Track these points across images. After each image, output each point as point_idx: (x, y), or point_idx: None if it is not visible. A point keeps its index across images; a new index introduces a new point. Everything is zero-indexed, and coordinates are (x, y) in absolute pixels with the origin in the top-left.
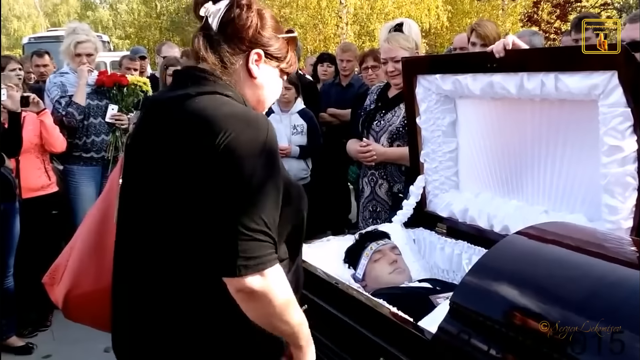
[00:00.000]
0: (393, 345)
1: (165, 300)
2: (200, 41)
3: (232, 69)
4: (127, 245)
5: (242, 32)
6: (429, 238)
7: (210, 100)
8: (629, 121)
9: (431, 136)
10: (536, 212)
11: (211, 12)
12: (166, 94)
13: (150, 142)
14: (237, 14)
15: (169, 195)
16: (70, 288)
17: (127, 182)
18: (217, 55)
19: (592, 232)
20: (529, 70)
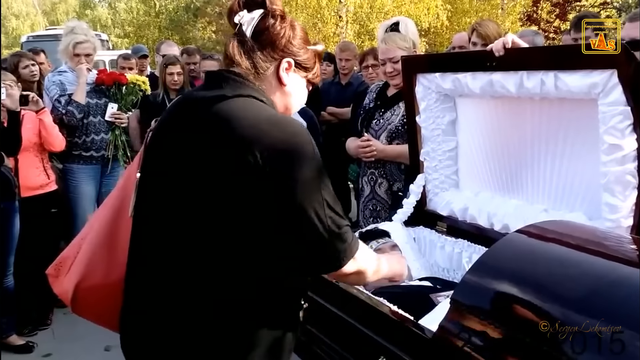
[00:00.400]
0: (394, 343)
1: (185, 298)
2: (234, 46)
3: (264, 75)
4: (145, 241)
5: (276, 40)
6: (429, 237)
7: (248, 103)
8: (628, 120)
9: (431, 135)
10: (536, 211)
11: (245, 20)
12: (199, 93)
13: (182, 140)
14: (272, 23)
15: (205, 196)
16: (80, 280)
17: (147, 177)
18: (250, 60)
19: (592, 230)
20: (528, 68)
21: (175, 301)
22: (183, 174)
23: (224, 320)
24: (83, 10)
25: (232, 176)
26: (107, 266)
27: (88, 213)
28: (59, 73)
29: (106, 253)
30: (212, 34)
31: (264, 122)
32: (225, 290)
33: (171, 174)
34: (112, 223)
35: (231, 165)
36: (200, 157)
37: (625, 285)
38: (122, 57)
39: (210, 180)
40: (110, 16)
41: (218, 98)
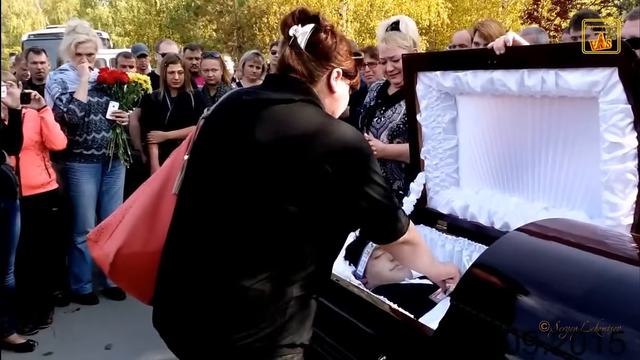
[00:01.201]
0: (394, 342)
1: (227, 270)
2: (292, 55)
3: (318, 83)
4: (189, 218)
5: (328, 53)
6: (430, 235)
7: (312, 109)
8: (629, 118)
9: (432, 133)
10: (536, 209)
11: (299, 33)
12: (264, 92)
13: (243, 133)
14: (324, 37)
15: (265, 188)
16: (121, 245)
17: (198, 161)
18: (307, 70)
19: (592, 228)
20: (529, 67)
21: (218, 275)
22: (241, 164)
23: (261, 293)
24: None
25: (301, 177)
26: (147, 236)
27: (89, 211)
28: (61, 71)
29: (147, 224)
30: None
31: (327, 130)
32: (267, 260)
33: (227, 163)
34: (156, 198)
35: (299, 168)
36: (266, 153)
37: (626, 283)
38: (123, 55)
39: (273, 175)
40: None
41: (285, 100)
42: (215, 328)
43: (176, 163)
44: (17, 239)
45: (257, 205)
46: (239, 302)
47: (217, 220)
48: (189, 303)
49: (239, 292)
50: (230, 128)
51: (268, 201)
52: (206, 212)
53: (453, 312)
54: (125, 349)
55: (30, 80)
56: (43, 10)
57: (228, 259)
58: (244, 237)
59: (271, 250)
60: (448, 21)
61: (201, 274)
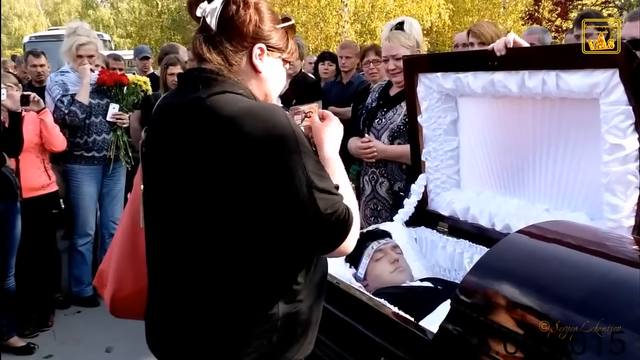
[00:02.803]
0: (394, 345)
1: (205, 292)
2: (201, 43)
3: (237, 67)
4: (158, 246)
5: (243, 29)
6: (431, 237)
7: (223, 99)
8: (630, 119)
9: (432, 134)
10: (537, 211)
11: (208, 11)
12: (176, 98)
13: (171, 147)
14: (235, 10)
15: (203, 195)
16: (114, 291)
17: (149, 188)
18: (221, 55)
19: (593, 230)
20: (530, 68)
21: (196, 295)
22: (180, 179)
23: (240, 304)
24: (85, 11)
25: (227, 174)
26: (133, 275)
27: (90, 213)
28: (62, 73)
29: (130, 263)
30: None
31: (243, 119)
32: (238, 277)
33: (170, 181)
34: (131, 234)
35: (224, 165)
36: (193, 161)
37: (626, 285)
38: (112, 57)
39: (206, 180)
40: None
41: (195, 101)
42: (208, 351)
43: (137, 193)
44: (18, 242)
45: (206, 221)
46: (226, 323)
47: (183, 245)
48: (178, 326)
49: (223, 314)
50: (159, 146)
51: (214, 213)
52: (171, 240)
53: (453, 314)
54: (126, 352)
55: (30, 83)
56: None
57: (202, 280)
58: (211, 255)
59: (239, 264)
60: (449, 22)
61: (182, 299)
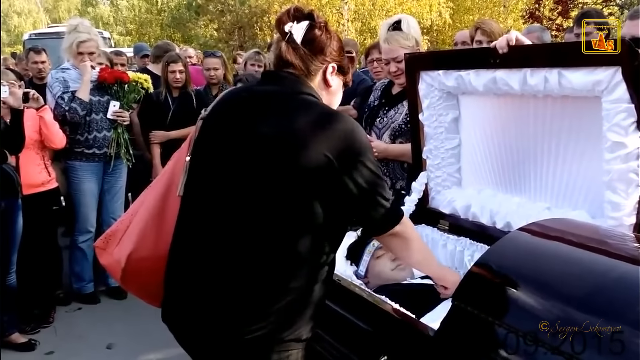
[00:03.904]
0: (395, 341)
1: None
2: (289, 49)
3: (314, 77)
4: (196, 217)
5: (324, 48)
6: (431, 235)
7: (308, 101)
8: (632, 117)
9: (434, 132)
10: (539, 209)
11: (295, 29)
12: (260, 88)
13: (246, 130)
14: (319, 33)
15: (271, 180)
16: (132, 250)
17: (199, 160)
18: (304, 64)
19: (594, 228)
20: (532, 66)
21: (227, 270)
22: (245, 160)
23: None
24: (85, 8)
25: (304, 168)
26: (155, 239)
27: (90, 210)
28: (62, 70)
29: (155, 227)
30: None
31: (328, 121)
32: (275, 254)
33: (231, 160)
34: (161, 201)
35: (304, 159)
36: (270, 146)
37: (627, 283)
38: (114, 53)
39: (279, 167)
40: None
41: (284, 93)
42: (225, 321)
43: (178, 165)
44: (19, 238)
45: (263, 199)
46: (248, 295)
47: (224, 217)
48: (199, 298)
49: (248, 286)
50: (231, 125)
51: (274, 194)
52: (213, 210)
53: (455, 312)
54: (127, 349)
55: (31, 80)
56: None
57: (236, 254)
58: (252, 232)
59: (277, 243)
60: (450, 21)
61: (210, 269)
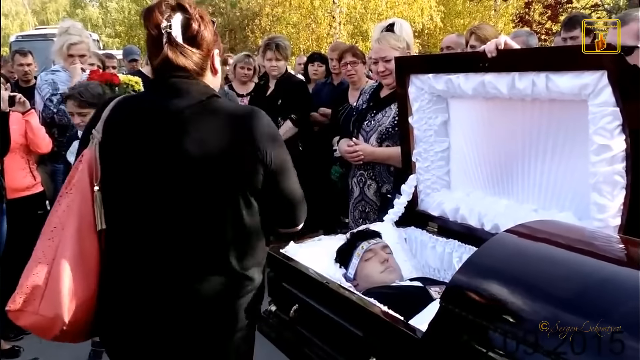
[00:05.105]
0: (384, 344)
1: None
2: (176, 53)
3: (205, 71)
4: (134, 239)
5: (205, 38)
6: (420, 237)
7: (219, 102)
8: (617, 120)
9: (423, 135)
10: (526, 211)
11: (172, 27)
12: (167, 103)
13: (173, 151)
14: (197, 24)
15: (207, 180)
16: (70, 300)
17: (122, 188)
18: (192, 61)
19: (580, 230)
20: (520, 70)
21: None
22: (178, 181)
23: (220, 279)
24: (74, 10)
25: (242, 165)
26: (86, 280)
27: None
28: (52, 72)
29: (82, 268)
30: None
31: (256, 118)
32: (231, 246)
33: (162, 183)
34: (79, 241)
35: (236, 164)
36: (199, 165)
37: (613, 284)
38: (106, 55)
39: (211, 181)
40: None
41: (193, 107)
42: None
43: (85, 199)
44: (4, 243)
45: (203, 211)
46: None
47: (168, 238)
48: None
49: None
50: (150, 149)
51: (218, 195)
52: (154, 234)
53: (442, 313)
54: None
55: (17, 82)
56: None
57: (184, 264)
58: (197, 240)
59: (223, 236)
60: (441, 24)
61: (162, 282)
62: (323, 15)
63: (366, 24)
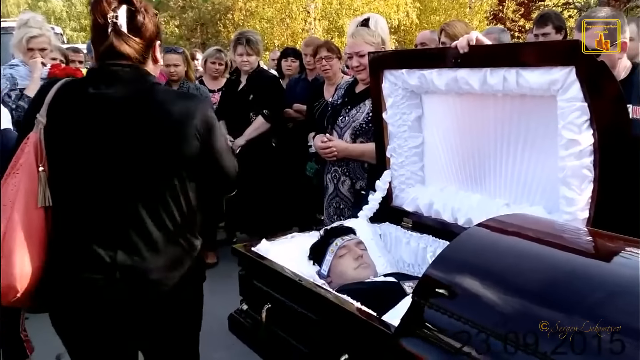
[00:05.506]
0: (357, 340)
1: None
2: (120, 42)
3: (147, 59)
4: (79, 217)
5: (148, 29)
6: (395, 233)
7: (162, 88)
8: (585, 115)
9: (397, 131)
10: (498, 205)
11: (118, 17)
12: (112, 91)
13: (123, 131)
14: (142, 17)
15: (156, 157)
16: (22, 269)
17: (69, 169)
18: (134, 50)
19: (549, 223)
20: (491, 65)
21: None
22: (124, 150)
23: (173, 246)
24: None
25: (179, 147)
26: (34, 254)
27: None
28: (11, 67)
29: (30, 243)
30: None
31: (191, 100)
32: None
33: (111, 164)
34: (26, 215)
35: (182, 148)
36: (146, 136)
37: (581, 275)
38: (72, 50)
39: (170, 150)
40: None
41: (141, 91)
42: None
43: (25, 181)
44: None
45: (149, 182)
46: (171, 254)
47: (114, 207)
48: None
49: (169, 248)
50: (97, 134)
51: (159, 175)
52: (99, 204)
53: (414, 308)
54: None
55: None
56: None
57: (128, 233)
58: (151, 211)
59: (170, 209)
60: (417, 21)
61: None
62: (298, 10)
63: (342, 19)
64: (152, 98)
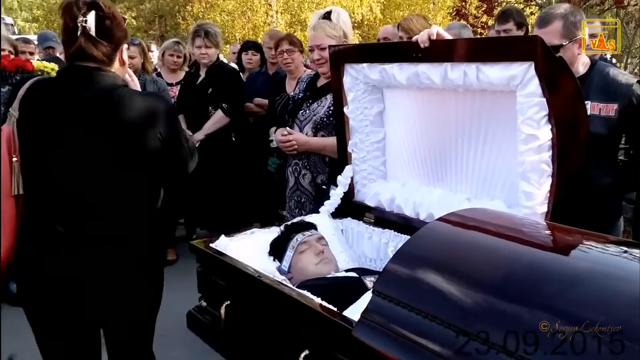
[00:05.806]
0: (318, 336)
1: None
2: (88, 44)
3: (114, 61)
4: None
5: (116, 33)
6: (357, 228)
7: (128, 90)
8: (544, 110)
9: (359, 126)
10: (459, 200)
11: (88, 22)
12: (81, 89)
13: (88, 128)
14: (110, 21)
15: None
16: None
17: (42, 160)
18: (102, 52)
19: (509, 217)
20: (452, 60)
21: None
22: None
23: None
24: None
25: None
26: (5, 238)
27: None
28: None
29: (3, 229)
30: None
31: (158, 102)
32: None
33: (82, 157)
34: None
35: (145, 144)
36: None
37: (539, 268)
38: (22, 40)
39: (123, 147)
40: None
41: (109, 92)
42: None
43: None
44: None
45: (115, 175)
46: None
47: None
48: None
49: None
50: (68, 130)
51: (124, 169)
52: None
53: (374, 303)
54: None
55: None
56: None
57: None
58: (112, 197)
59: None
60: (380, 16)
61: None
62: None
63: (304, 13)
64: (116, 99)
